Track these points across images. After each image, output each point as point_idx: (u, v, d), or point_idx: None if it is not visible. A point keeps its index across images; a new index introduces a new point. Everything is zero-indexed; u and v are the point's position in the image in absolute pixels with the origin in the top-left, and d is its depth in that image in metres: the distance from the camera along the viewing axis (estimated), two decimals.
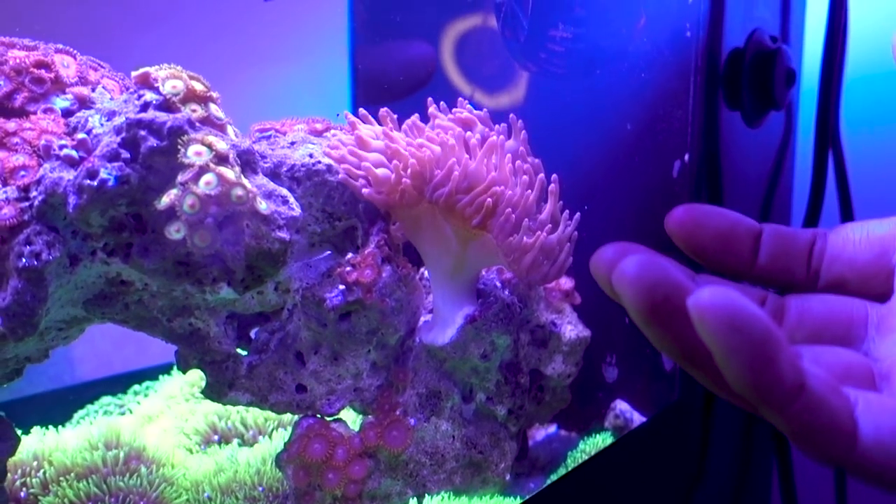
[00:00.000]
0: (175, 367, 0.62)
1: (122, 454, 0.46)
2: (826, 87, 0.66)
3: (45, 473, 0.45)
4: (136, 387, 0.61)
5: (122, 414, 0.56)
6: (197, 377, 0.56)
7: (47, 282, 0.37)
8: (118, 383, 0.62)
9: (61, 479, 0.45)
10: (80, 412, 0.58)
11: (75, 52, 0.41)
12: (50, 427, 0.51)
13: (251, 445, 0.50)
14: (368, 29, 0.68)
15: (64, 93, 0.40)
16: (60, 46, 0.41)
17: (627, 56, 0.57)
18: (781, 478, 0.70)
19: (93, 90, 0.41)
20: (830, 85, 0.66)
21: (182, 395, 0.55)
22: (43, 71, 0.39)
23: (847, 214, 0.70)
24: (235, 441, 0.50)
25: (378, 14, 0.68)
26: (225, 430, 0.50)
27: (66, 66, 0.40)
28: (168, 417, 0.52)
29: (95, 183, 0.36)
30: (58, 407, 0.58)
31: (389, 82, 0.65)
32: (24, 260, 0.36)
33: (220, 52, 0.68)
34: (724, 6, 0.59)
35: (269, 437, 0.50)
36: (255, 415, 0.52)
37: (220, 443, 0.50)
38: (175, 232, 0.38)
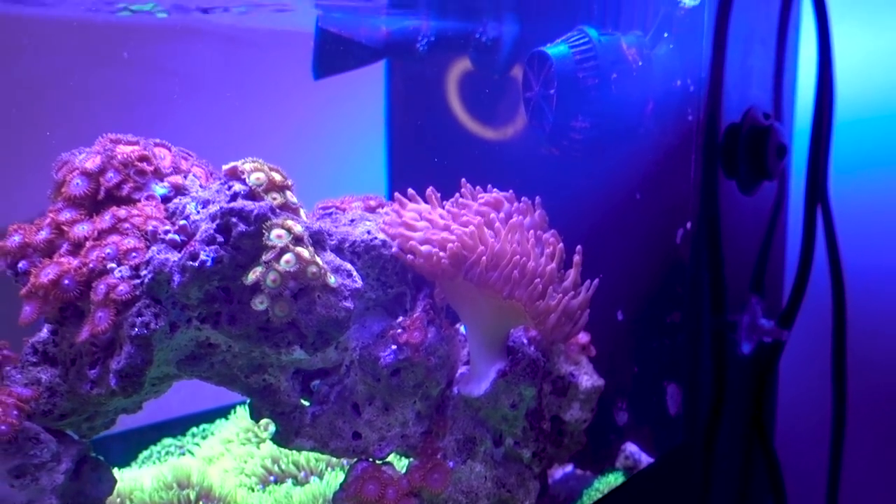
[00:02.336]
0: (232, 413, 0.68)
1: (193, 493, 0.52)
2: (815, 152, 0.74)
3: None
4: (193, 429, 0.67)
5: (183, 455, 0.62)
6: (251, 423, 0.62)
7: (153, 347, 0.43)
8: (177, 426, 0.68)
9: None
10: (144, 453, 0.64)
11: (170, 144, 0.48)
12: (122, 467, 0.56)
13: (303, 485, 0.56)
14: (403, 108, 0.75)
15: (162, 181, 0.46)
16: (158, 140, 0.47)
17: (637, 137, 0.64)
18: None
19: (185, 178, 0.47)
20: (819, 150, 0.74)
21: (238, 439, 0.61)
22: (145, 164, 0.46)
23: (836, 267, 0.76)
24: (290, 481, 0.56)
25: (411, 97, 0.75)
26: (280, 471, 0.56)
27: (163, 157, 0.47)
28: (228, 459, 0.58)
29: (196, 264, 0.43)
30: (123, 448, 0.64)
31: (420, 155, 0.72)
32: (136, 329, 0.42)
33: (270, 126, 0.75)
34: (722, 89, 0.66)
35: (320, 477, 0.56)
36: (307, 457, 0.58)
37: (276, 482, 0.56)
38: (259, 303, 0.45)
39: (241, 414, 0.65)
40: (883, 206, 0.87)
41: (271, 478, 0.56)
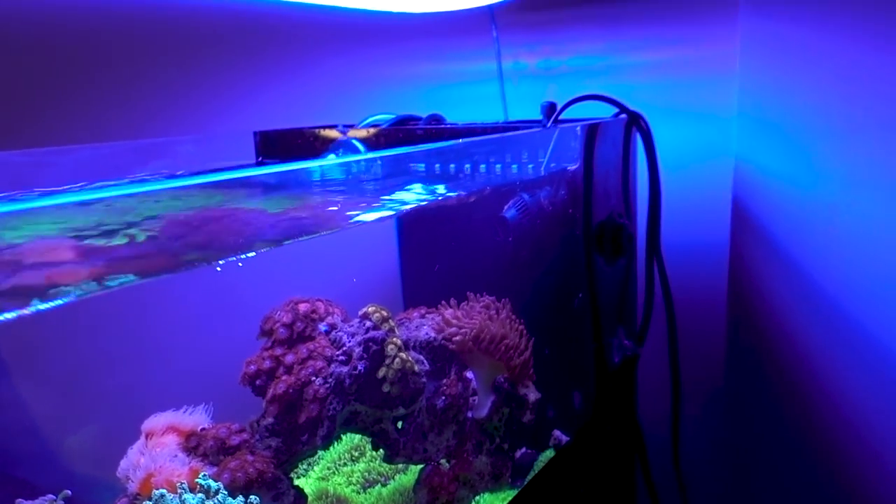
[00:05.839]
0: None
1: (334, 500, 0.87)
2: (652, 230, 1.18)
3: None
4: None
5: (300, 477, 0.95)
6: (341, 452, 0.96)
7: (337, 420, 0.78)
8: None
9: None
10: None
11: (322, 299, 0.82)
12: None
13: (386, 486, 0.92)
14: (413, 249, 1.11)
15: (323, 321, 0.80)
16: (320, 298, 0.81)
17: (549, 242, 1.05)
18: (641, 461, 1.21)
19: (333, 318, 0.82)
20: (653, 229, 1.18)
21: (337, 464, 0.95)
22: (313, 313, 0.79)
23: (668, 299, 1.21)
24: (378, 485, 0.92)
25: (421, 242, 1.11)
26: (372, 479, 0.91)
27: (321, 307, 0.81)
28: (337, 476, 0.93)
29: (356, 371, 0.78)
30: None
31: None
32: (330, 412, 0.77)
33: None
34: (592, 202, 1.08)
35: (393, 479, 0.93)
36: (385, 468, 0.93)
37: (371, 486, 0.91)
38: (385, 388, 0.81)
39: (334, 448, 0.99)
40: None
41: (367, 484, 0.91)
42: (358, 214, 0.69)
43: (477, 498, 0.94)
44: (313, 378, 0.77)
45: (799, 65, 1.10)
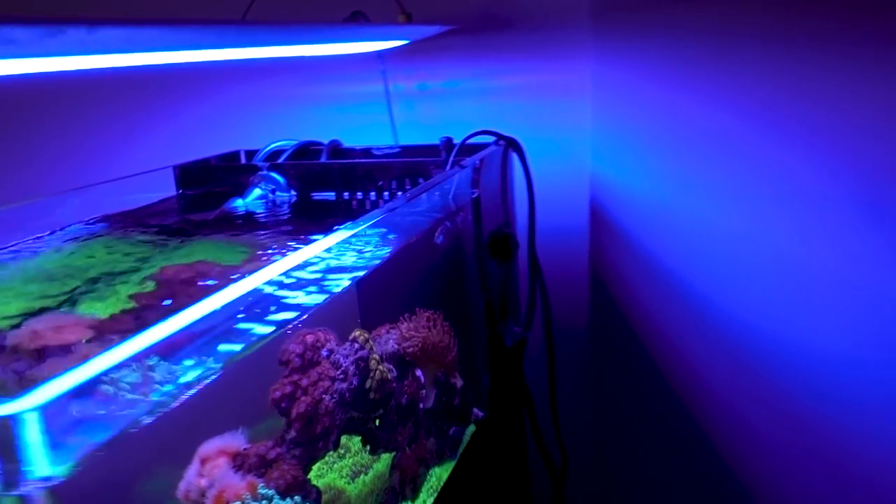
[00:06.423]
0: None
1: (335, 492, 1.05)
2: (530, 236, 1.44)
3: None
4: None
5: None
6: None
7: (342, 426, 0.96)
8: None
9: None
10: None
11: (323, 329, 0.98)
12: None
13: (367, 473, 1.11)
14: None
15: (324, 348, 0.97)
16: (319, 329, 0.97)
17: (457, 250, 1.28)
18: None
19: (331, 343, 0.99)
20: (531, 235, 1.45)
21: (328, 462, 1.12)
22: (317, 342, 0.96)
23: (544, 291, 1.49)
24: (362, 475, 1.10)
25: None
26: (357, 470, 1.10)
27: (321, 336, 0.98)
28: (331, 472, 1.10)
29: (352, 386, 0.97)
30: None
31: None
32: (338, 421, 0.95)
33: None
34: (481, 218, 1.32)
35: (372, 467, 1.12)
36: (365, 458, 1.12)
37: (357, 476, 1.10)
38: (370, 394, 1.00)
39: None
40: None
41: (354, 475, 1.09)
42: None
43: (430, 472, 1.16)
44: (324, 396, 0.94)
45: (632, 97, 1.41)
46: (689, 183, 1.31)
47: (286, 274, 0.75)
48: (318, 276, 0.82)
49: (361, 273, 0.93)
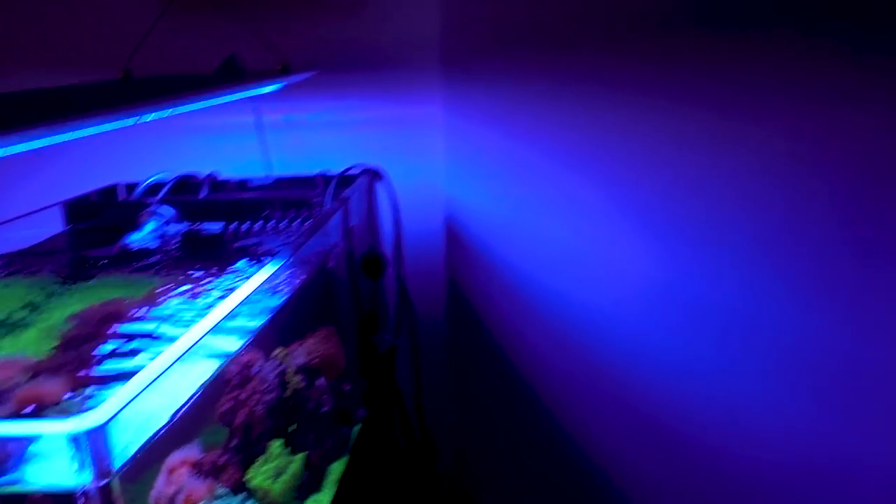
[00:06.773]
0: None
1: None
2: (397, 256, 1.65)
3: None
4: None
5: None
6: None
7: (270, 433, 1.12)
8: None
9: None
10: None
11: (254, 349, 1.12)
12: None
13: (285, 474, 1.26)
14: None
15: (255, 365, 1.12)
16: (250, 349, 1.12)
17: (342, 273, 1.46)
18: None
19: (260, 361, 1.14)
20: (398, 255, 1.65)
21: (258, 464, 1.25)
22: (249, 361, 1.11)
23: (410, 306, 1.70)
24: (282, 474, 1.26)
25: None
26: (279, 472, 1.25)
27: (252, 357, 1.12)
28: (258, 475, 1.23)
29: (275, 396, 1.13)
30: None
31: None
32: (267, 427, 1.11)
33: None
34: (354, 243, 1.52)
35: (288, 468, 1.27)
36: (282, 461, 1.27)
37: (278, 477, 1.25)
38: (288, 402, 1.16)
39: None
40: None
41: (276, 476, 1.24)
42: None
43: (330, 466, 1.34)
44: (256, 407, 1.10)
45: (479, 130, 1.66)
46: (523, 200, 1.58)
47: (230, 316, 0.91)
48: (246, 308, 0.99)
49: (281, 301, 1.10)
